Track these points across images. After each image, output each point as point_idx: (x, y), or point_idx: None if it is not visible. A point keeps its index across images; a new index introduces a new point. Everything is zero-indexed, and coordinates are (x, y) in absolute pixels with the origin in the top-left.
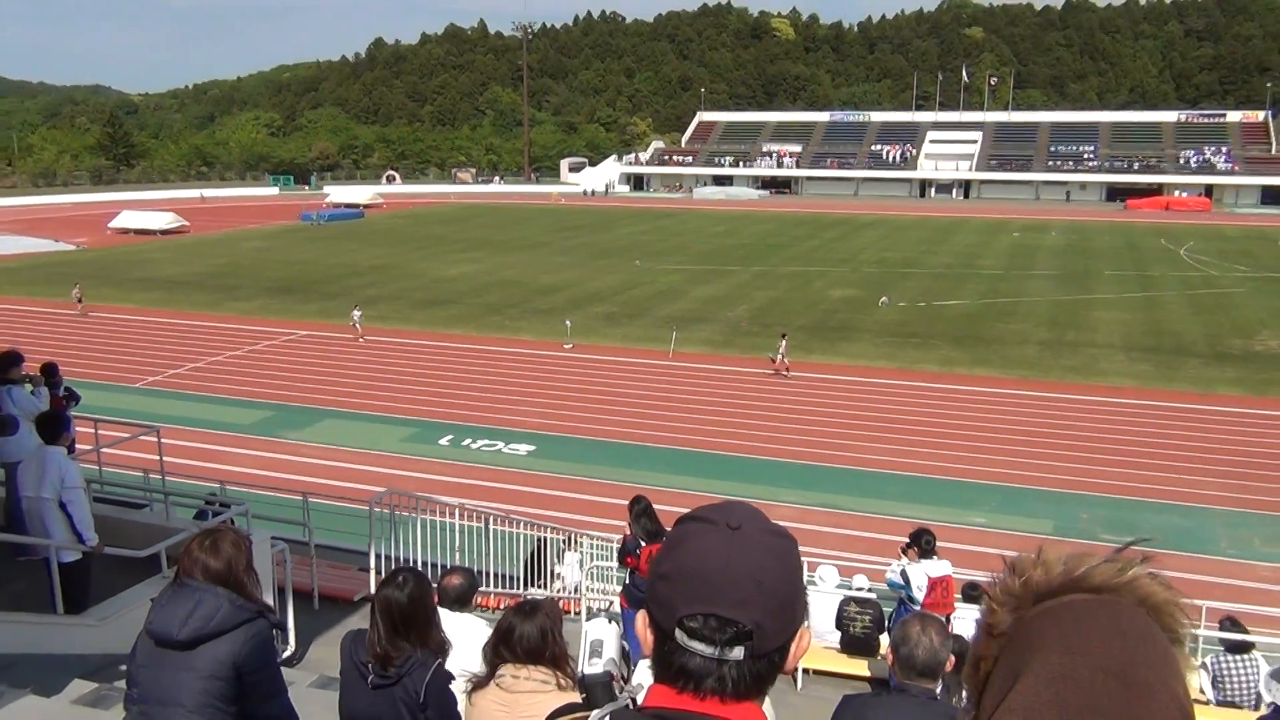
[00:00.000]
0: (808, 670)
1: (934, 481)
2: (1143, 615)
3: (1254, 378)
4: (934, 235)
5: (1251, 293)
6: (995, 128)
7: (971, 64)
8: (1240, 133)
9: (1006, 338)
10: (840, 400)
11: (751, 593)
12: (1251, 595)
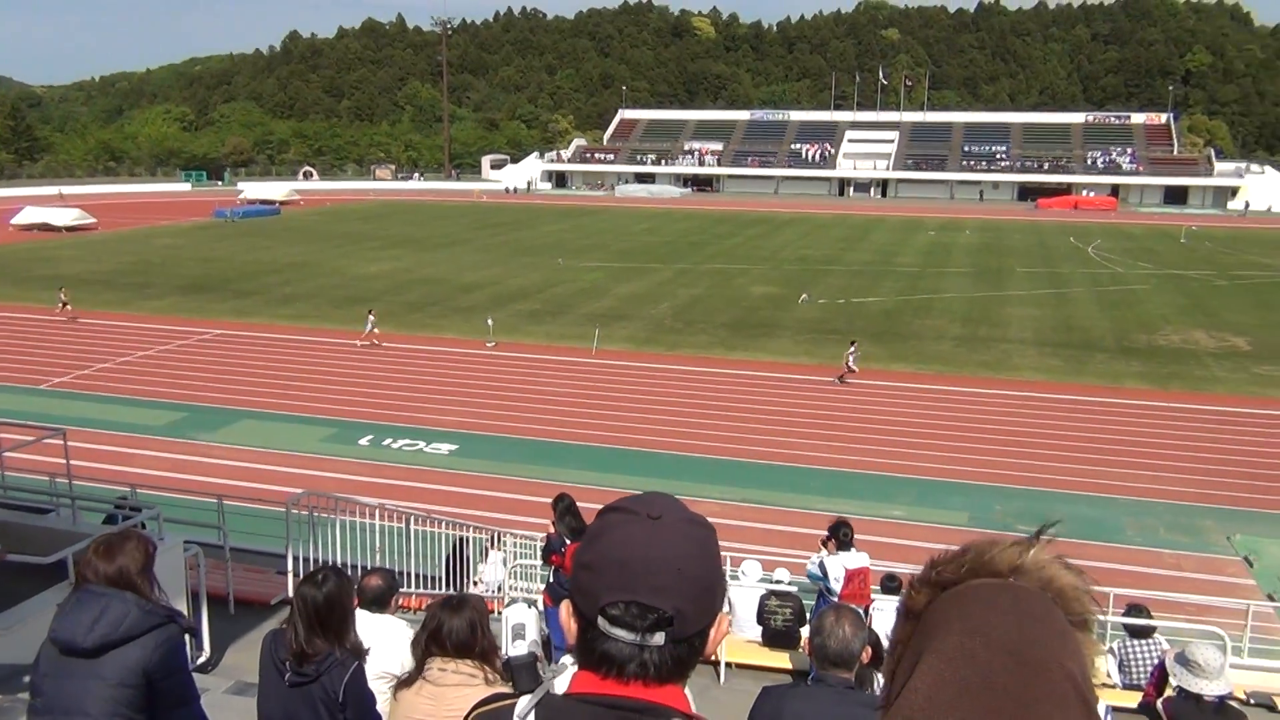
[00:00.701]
0: (730, 664)
1: (855, 475)
2: (1042, 598)
3: (1158, 371)
4: (853, 233)
5: (1155, 289)
6: (911, 128)
7: (888, 65)
8: (1144, 134)
9: (923, 334)
10: (761, 397)
11: (671, 580)
12: (1156, 581)
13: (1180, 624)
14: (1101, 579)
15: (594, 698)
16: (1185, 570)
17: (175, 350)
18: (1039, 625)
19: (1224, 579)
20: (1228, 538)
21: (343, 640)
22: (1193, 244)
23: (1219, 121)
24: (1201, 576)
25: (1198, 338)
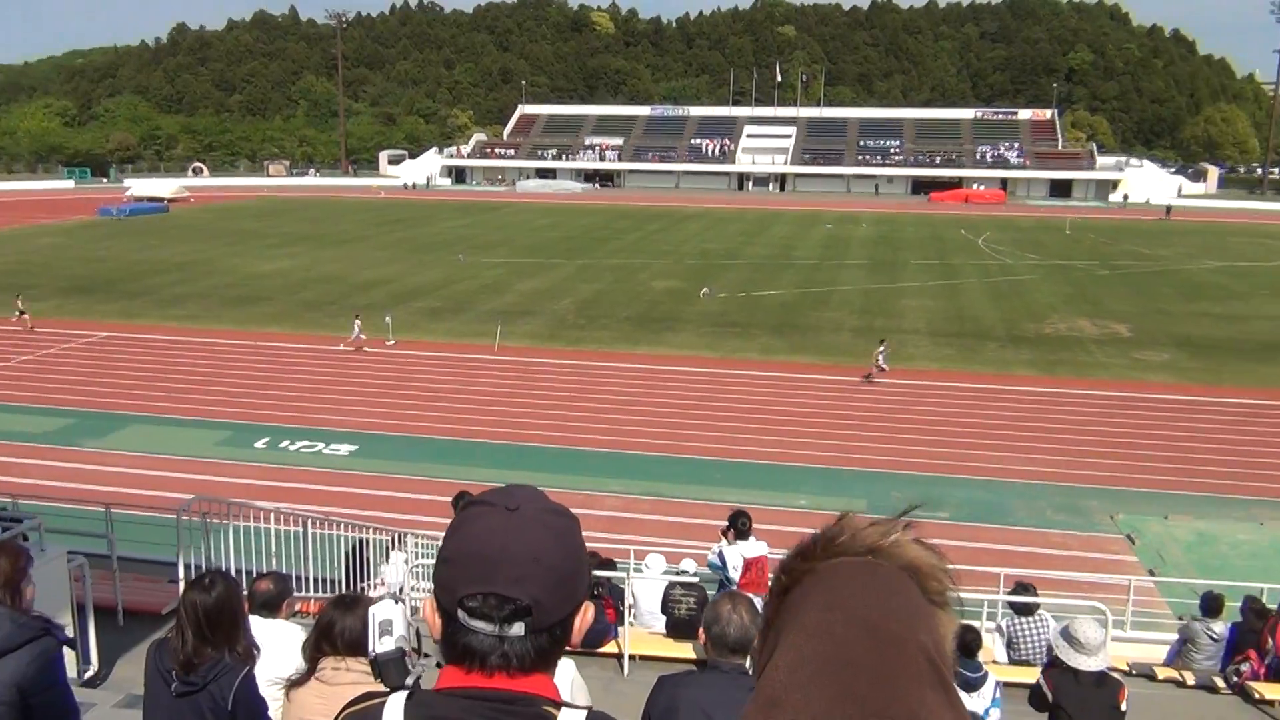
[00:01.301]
0: (634, 656)
1: (758, 466)
2: (899, 575)
3: (1045, 358)
4: (752, 227)
5: (1042, 279)
6: (808, 123)
7: (785, 61)
8: (1030, 129)
9: (822, 325)
10: (665, 390)
11: (529, 570)
12: (1045, 561)
13: (1066, 601)
14: (992, 560)
15: (460, 691)
16: (1072, 549)
17: (60, 354)
18: (895, 601)
19: (1108, 556)
20: (1111, 517)
21: (233, 646)
22: (1077, 235)
23: (1100, 117)
24: (1087, 555)
25: (1082, 325)
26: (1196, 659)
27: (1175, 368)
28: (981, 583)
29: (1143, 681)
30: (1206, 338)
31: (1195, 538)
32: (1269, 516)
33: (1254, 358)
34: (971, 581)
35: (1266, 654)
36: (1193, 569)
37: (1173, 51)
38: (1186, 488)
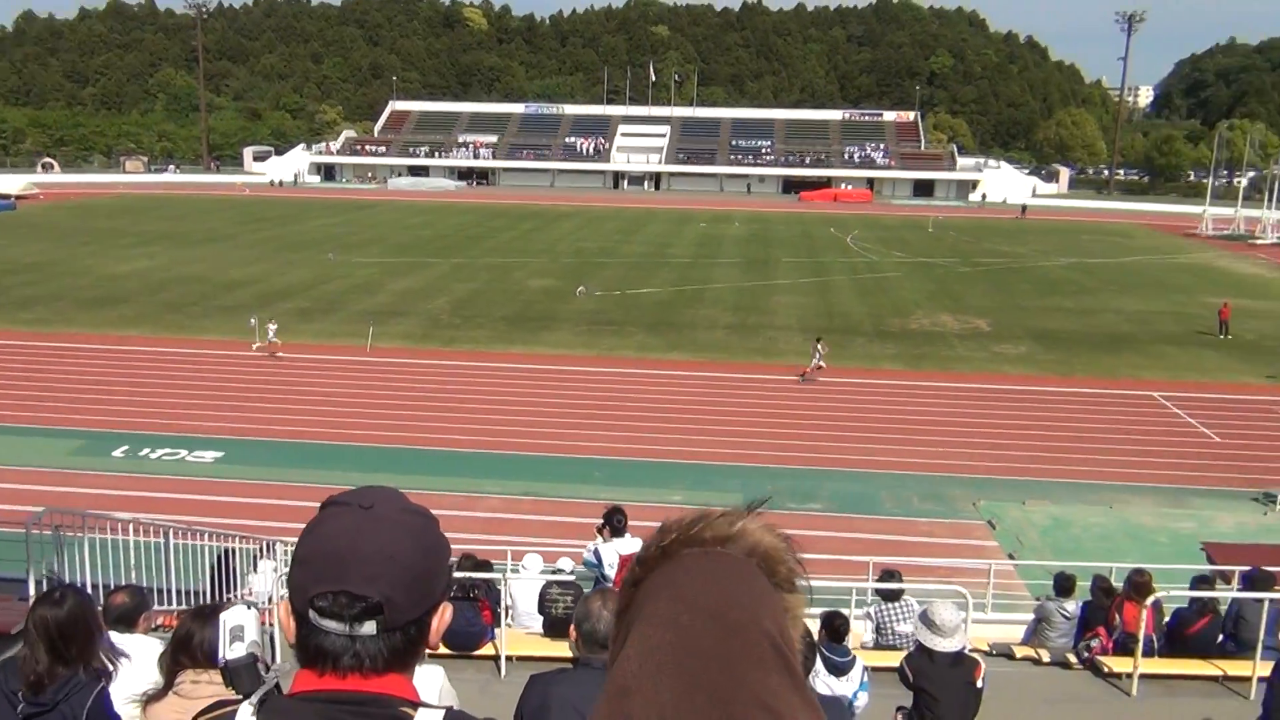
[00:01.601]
0: (511, 657)
1: (634, 464)
2: (745, 563)
3: (910, 353)
4: (628, 225)
5: (906, 276)
6: (682, 122)
7: (659, 61)
8: (895, 131)
9: (697, 323)
10: (542, 389)
11: (381, 568)
12: (911, 548)
13: (931, 586)
14: (863, 549)
15: (314, 694)
16: (937, 536)
17: None
18: (740, 589)
19: (971, 542)
20: (974, 504)
21: (88, 662)
22: (939, 233)
23: (960, 120)
24: (951, 541)
25: (945, 320)
26: (1051, 637)
27: (1031, 360)
28: (852, 571)
29: (1002, 660)
30: (1060, 331)
31: (1051, 522)
32: (1118, 500)
33: (1103, 349)
34: (842, 570)
35: (1114, 630)
36: (1048, 552)
37: (1027, 57)
38: (1043, 474)
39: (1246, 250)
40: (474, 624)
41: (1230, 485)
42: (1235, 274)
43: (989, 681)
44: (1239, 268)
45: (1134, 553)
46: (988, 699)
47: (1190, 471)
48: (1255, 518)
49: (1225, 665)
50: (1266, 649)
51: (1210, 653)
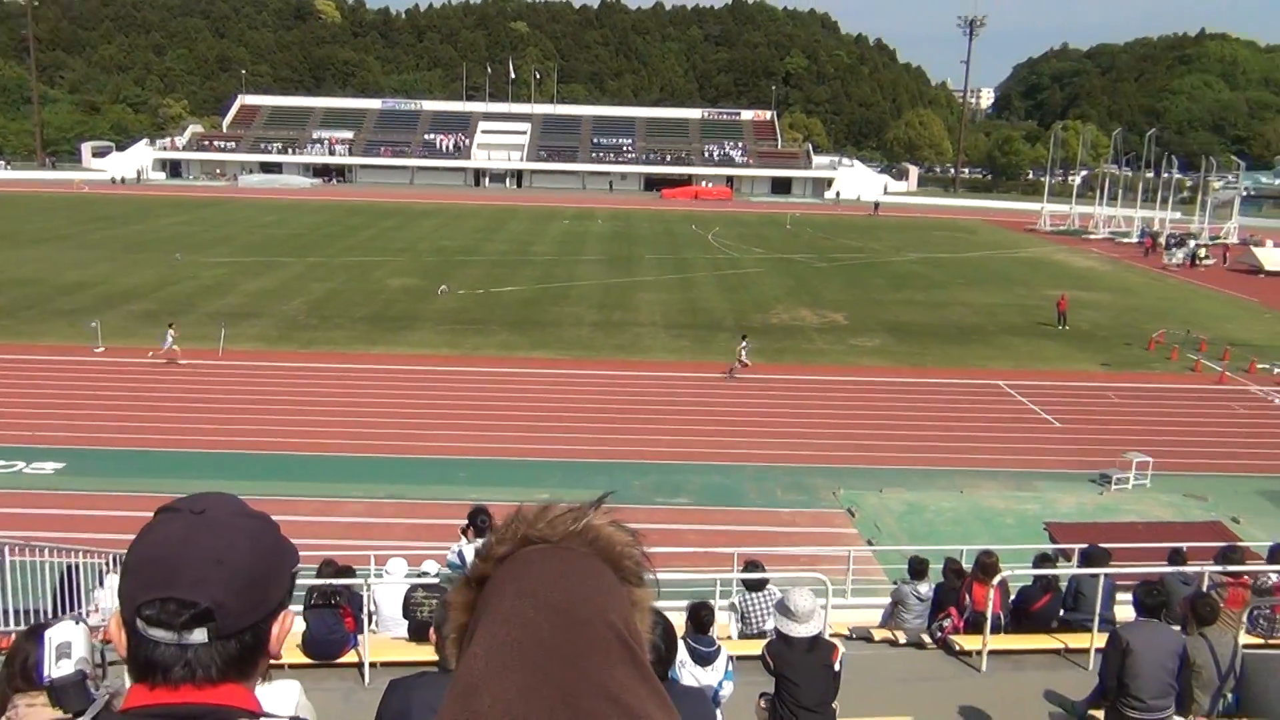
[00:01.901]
0: (375, 663)
1: (500, 463)
2: (589, 559)
3: (771, 347)
4: (490, 223)
5: (766, 272)
6: (543, 120)
7: (518, 57)
8: (753, 130)
9: (561, 320)
10: (405, 390)
11: (210, 572)
12: (775, 538)
13: (794, 574)
14: (729, 540)
15: (146, 709)
16: (799, 525)
17: None
18: (585, 584)
19: (831, 530)
20: (834, 493)
21: None
22: (796, 230)
23: (815, 119)
24: (813, 530)
25: (804, 315)
26: (906, 619)
27: (886, 352)
28: (717, 563)
29: (861, 644)
30: (912, 323)
31: (906, 508)
32: (969, 485)
33: (953, 341)
34: (708, 562)
35: (965, 610)
36: (904, 537)
37: (877, 59)
38: (898, 462)
39: (1081, 244)
40: (335, 631)
41: (1070, 468)
42: (1072, 267)
43: (848, 664)
44: (1075, 261)
45: (983, 535)
46: (847, 680)
47: (1034, 456)
48: (1093, 498)
49: (1066, 638)
50: (1102, 621)
51: (1053, 627)
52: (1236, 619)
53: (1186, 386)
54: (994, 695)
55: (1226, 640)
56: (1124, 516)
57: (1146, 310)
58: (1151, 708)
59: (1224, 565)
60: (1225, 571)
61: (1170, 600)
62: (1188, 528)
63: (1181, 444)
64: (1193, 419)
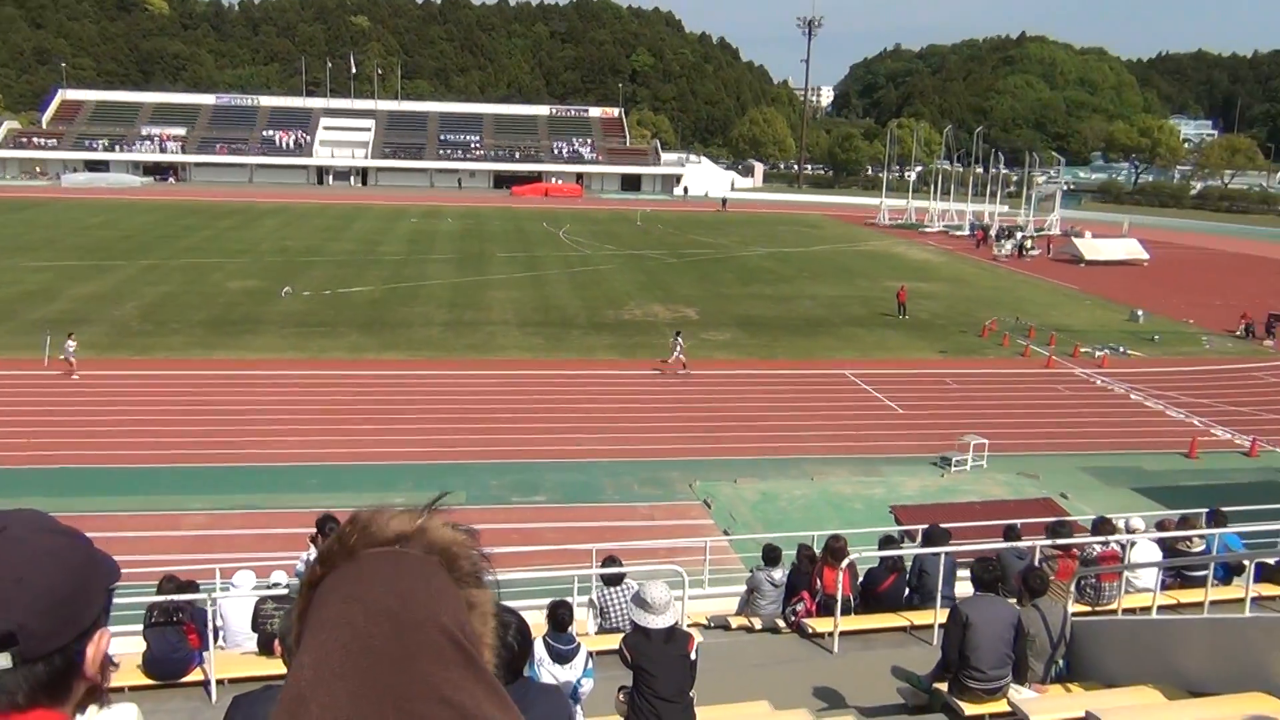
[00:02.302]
0: (223, 680)
1: (354, 468)
2: (423, 560)
3: (625, 343)
4: (335, 223)
5: (618, 268)
6: (388, 116)
7: (360, 52)
8: (601, 127)
9: (412, 321)
10: (248, 396)
11: (11, 593)
12: (634, 533)
13: (652, 568)
14: (587, 537)
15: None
16: (657, 519)
17: None
18: (417, 586)
19: (688, 522)
20: (690, 485)
21: None
22: (647, 227)
23: (663, 116)
24: (670, 523)
25: (656, 310)
26: (762, 605)
27: (736, 345)
28: (576, 560)
29: (719, 632)
30: (761, 317)
31: (760, 497)
32: (818, 472)
33: (800, 333)
34: (566, 559)
35: (817, 593)
36: (759, 525)
37: (720, 58)
38: (752, 453)
39: (918, 237)
40: (178, 650)
41: (913, 452)
42: (910, 259)
43: (706, 652)
44: (912, 254)
45: (834, 520)
46: (705, 669)
47: (880, 442)
48: (935, 480)
49: (912, 616)
50: (944, 598)
51: (899, 606)
52: (1065, 589)
53: (1017, 371)
54: (845, 674)
55: (1057, 610)
56: (963, 497)
57: (979, 299)
58: (990, 677)
59: (1053, 539)
60: (1054, 545)
61: (1006, 574)
62: (1021, 505)
63: (1014, 426)
64: (1024, 402)
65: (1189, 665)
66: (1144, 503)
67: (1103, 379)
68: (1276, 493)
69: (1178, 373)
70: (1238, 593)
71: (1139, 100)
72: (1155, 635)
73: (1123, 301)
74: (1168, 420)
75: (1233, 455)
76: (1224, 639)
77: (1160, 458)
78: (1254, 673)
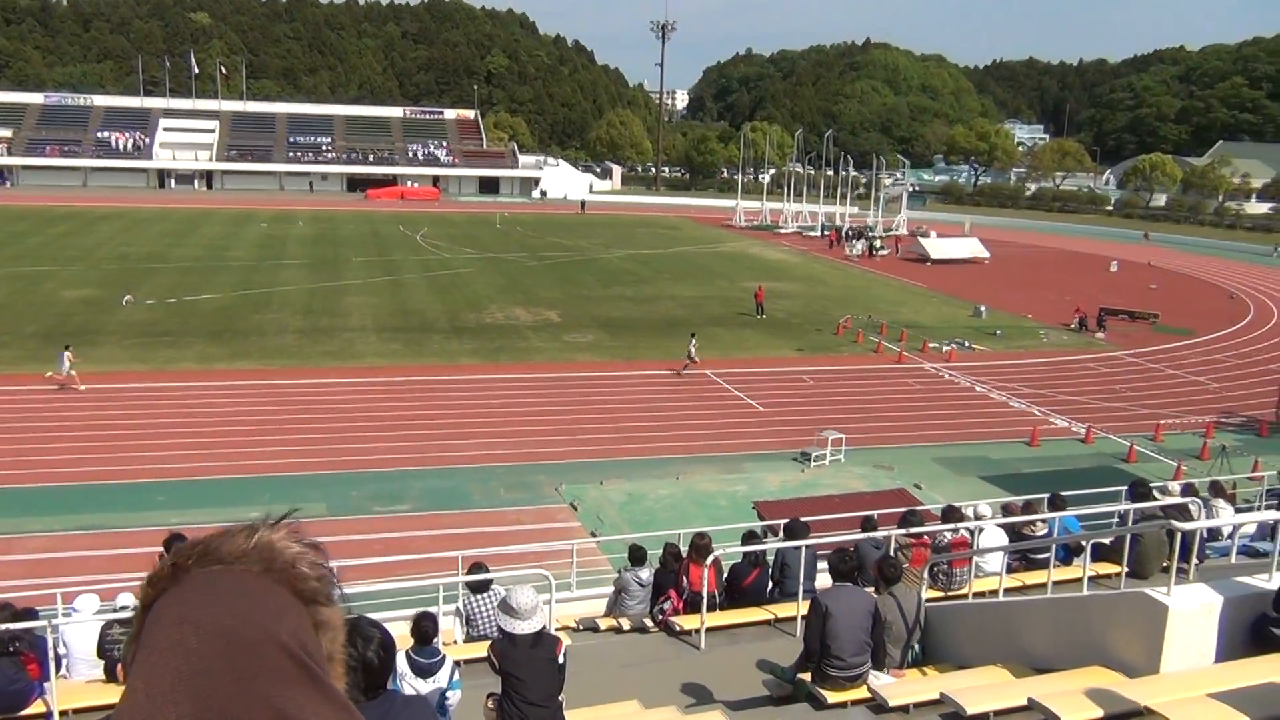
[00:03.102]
0: (68, 711)
1: (208, 482)
2: (259, 578)
3: (487, 347)
4: (179, 228)
5: (478, 271)
6: (232, 117)
7: (201, 51)
8: (457, 129)
9: (265, 328)
10: (90, 411)
11: None
12: (501, 538)
13: (519, 572)
14: (454, 544)
15: None
16: (525, 523)
17: None
18: (254, 604)
19: (556, 525)
20: (556, 488)
21: None
22: (507, 229)
23: (519, 119)
24: (538, 526)
25: (518, 314)
26: (630, 605)
27: (599, 347)
28: (442, 567)
29: (588, 634)
30: (623, 318)
31: (626, 498)
32: (684, 471)
33: (662, 333)
34: (432, 568)
35: (683, 591)
36: (626, 526)
37: (576, 60)
38: (618, 454)
39: (773, 239)
40: (16, 681)
41: (775, 448)
42: (766, 260)
43: (575, 655)
44: (769, 254)
45: (700, 518)
46: (574, 671)
47: (742, 439)
48: (796, 475)
49: (775, 609)
50: (806, 590)
51: (763, 600)
52: (919, 576)
53: (870, 367)
54: (713, 670)
55: (911, 597)
56: (823, 490)
57: (833, 298)
58: (850, 665)
59: (906, 529)
60: (908, 533)
61: (864, 564)
62: (877, 496)
63: (869, 420)
64: (878, 396)
65: (1034, 644)
66: (991, 490)
67: (950, 373)
68: (1111, 476)
69: (1019, 365)
70: (1077, 573)
71: (977, 105)
72: (1002, 617)
73: (967, 298)
74: (1011, 411)
75: (1071, 442)
76: (1065, 617)
77: (1005, 446)
78: (1093, 647)
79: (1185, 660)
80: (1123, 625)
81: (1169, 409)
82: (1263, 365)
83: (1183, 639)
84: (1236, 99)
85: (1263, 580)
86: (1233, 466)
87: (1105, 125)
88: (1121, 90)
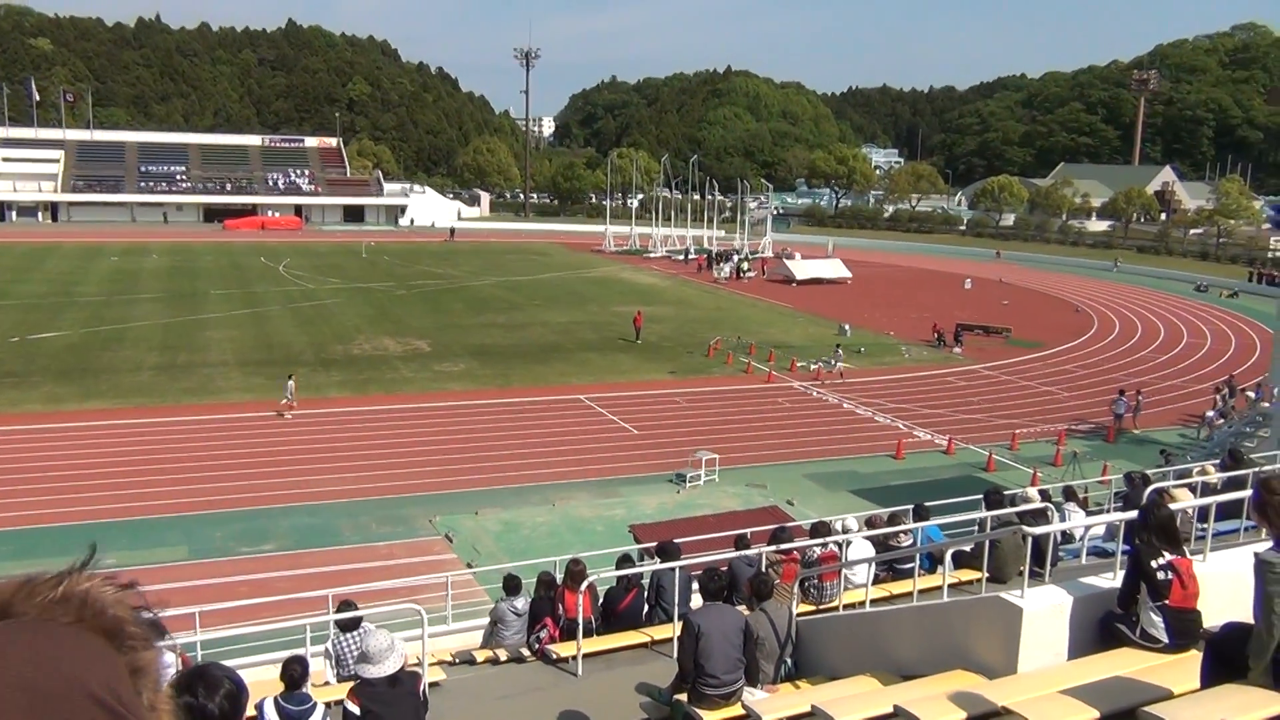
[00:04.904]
0: None
1: (51, 531)
2: (68, 629)
3: (356, 378)
4: (22, 262)
5: (345, 302)
6: (78, 146)
7: (43, 78)
8: (319, 157)
9: (118, 366)
10: None
11: None
12: (374, 573)
13: (391, 608)
14: (323, 583)
15: None
16: (398, 557)
17: None
18: (61, 655)
19: (431, 558)
20: (430, 520)
21: None
22: (373, 259)
23: (383, 146)
24: (412, 560)
25: (387, 344)
26: (506, 635)
27: (471, 375)
28: (310, 607)
29: (464, 667)
30: (495, 346)
31: (502, 527)
32: (559, 497)
33: (534, 359)
34: (300, 608)
35: (559, 618)
36: (503, 555)
37: (440, 88)
38: (492, 483)
39: (643, 263)
40: None
41: (650, 471)
42: (637, 284)
43: (451, 689)
44: (639, 278)
45: (576, 543)
46: (450, 706)
47: (617, 463)
48: (672, 496)
49: (652, 632)
50: (680, 612)
51: (639, 623)
52: (790, 591)
53: (741, 387)
54: (590, 696)
55: (783, 612)
56: (698, 510)
57: (704, 320)
58: (724, 682)
59: (775, 545)
60: (778, 550)
61: (737, 582)
62: (750, 514)
63: (742, 439)
64: (749, 416)
65: (901, 651)
66: (860, 503)
67: (818, 391)
68: (971, 485)
69: (882, 381)
70: (939, 580)
71: (835, 131)
72: (871, 627)
73: (832, 317)
74: (876, 425)
75: (933, 454)
76: (929, 624)
77: (871, 460)
78: (956, 652)
79: (1040, 659)
80: (982, 629)
81: (1024, 418)
82: (1108, 374)
83: (1037, 639)
84: (1075, 123)
85: (1108, 580)
86: (1084, 471)
87: (956, 149)
88: (970, 116)
